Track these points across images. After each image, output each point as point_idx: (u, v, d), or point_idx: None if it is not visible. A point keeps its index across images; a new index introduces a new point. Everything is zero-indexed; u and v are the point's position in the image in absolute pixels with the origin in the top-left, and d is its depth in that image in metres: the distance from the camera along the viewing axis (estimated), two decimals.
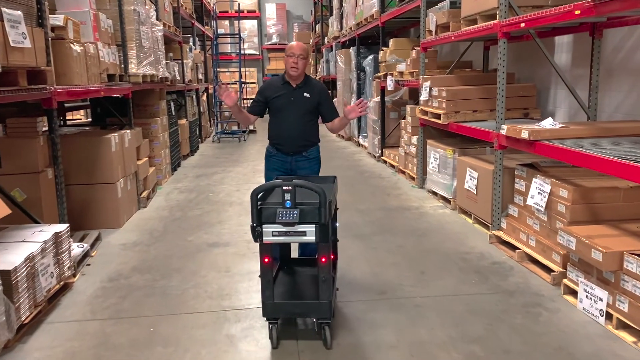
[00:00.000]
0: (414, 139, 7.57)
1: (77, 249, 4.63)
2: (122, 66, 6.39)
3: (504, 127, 4.68)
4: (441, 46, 8.96)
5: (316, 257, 3.92)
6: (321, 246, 3.08)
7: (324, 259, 3.09)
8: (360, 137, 11.58)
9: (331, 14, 15.37)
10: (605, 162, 3.42)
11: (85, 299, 4.01)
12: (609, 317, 3.39)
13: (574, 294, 3.76)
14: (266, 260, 3.13)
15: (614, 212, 3.98)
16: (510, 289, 3.99)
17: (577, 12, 3.60)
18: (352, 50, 11.82)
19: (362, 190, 7.40)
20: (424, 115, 6.82)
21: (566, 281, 3.83)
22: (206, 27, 15.31)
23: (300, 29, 20.43)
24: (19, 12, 3.75)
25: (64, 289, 4.11)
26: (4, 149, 4.62)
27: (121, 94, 6.46)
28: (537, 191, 4.37)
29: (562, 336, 3.29)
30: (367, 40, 12.11)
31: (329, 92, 4.38)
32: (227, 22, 20.42)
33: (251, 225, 3.08)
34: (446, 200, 6.43)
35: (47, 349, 3.29)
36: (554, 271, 4.07)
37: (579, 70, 5.76)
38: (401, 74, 8.11)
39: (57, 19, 4.63)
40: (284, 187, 3.00)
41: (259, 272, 3.21)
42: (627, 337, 3.23)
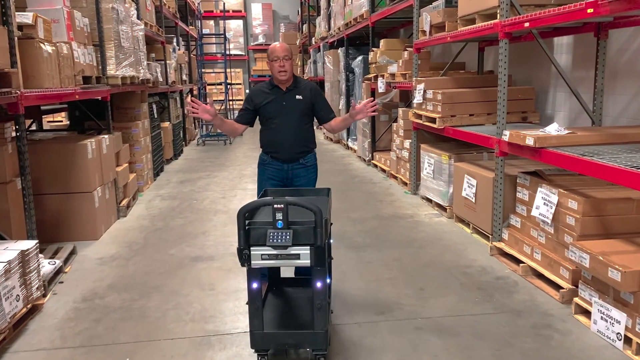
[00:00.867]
0: (407, 143, 7.30)
1: (48, 266, 4.27)
2: (100, 67, 6.03)
3: (506, 132, 4.41)
4: (433, 47, 8.70)
5: (310, 277, 3.63)
6: (316, 270, 2.77)
7: (319, 284, 2.78)
8: (349, 140, 11.29)
9: (318, 14, 15.07)
10: (620, 173, 3.15)
11: (55, 322, 3.66)
12: (627, 341, 3.12)
13: (586, 313, 3.49)
14: (254, 286, 2.80)
15: (626, 225, 3.73)
16: (516, 307, 3.72)
17: (590, 11, 3.34)
18: (340, 51, 11.52)
19: (353, 196, 7.11)
20: (417, 118, 6.55)
21: (577, 300, 3.56)
22: (190, 27, 14.93)
23: (286, 29, 20.10)
24: None
25: (32, 311, 3.75)
26: None
27: (99, 97, 6.09)
28: (542, 201, 4.11)
29: None
30: (356, 41, 11.84)
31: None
32: (212, 22, 20.04)
33: (238, 248, 2.74)
34: (441, 207, 6.15)
35: None
36: (562, 288, 3.81)
37: (580, 72, 5.52)
38: (393, 75, 7.83)
39: (25, 17, 4.27)
40: (275, 206, 2.67)
41: (247, 298, 2.88)
42: None
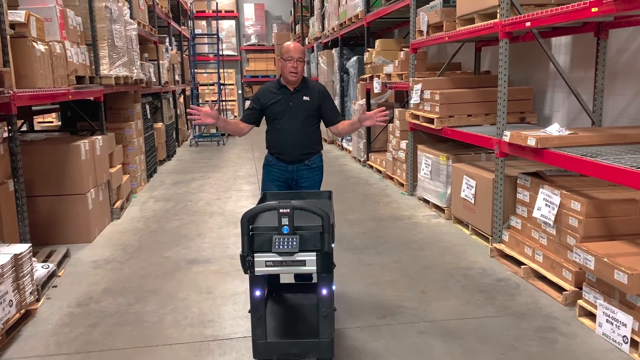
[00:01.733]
0: (403, 144, 7.25)
1: (41, 270, 4.17)
2: (93, 67, 5.93)
3: (507, 133, 4.37)
4: (428, 48, 8.66)
5: (310, 282, 3.55)
6: (322, 277, 2.66)
7: (325, 291, 2.67)
8: (344, 140, 11.24)
9: (312, 14, 15.01)
10: (627, 174, 3.11)
11: (49, 328, 3.57)
12: (633, 344, 3.08)
13: (590, 316, 3.45)
14: (257, 294, 2.69)
15: (630, 227, 3.69)
16: (519, 310, 3.67)
17: (594, 10, 3.30)
18: (334, 51, 11.47)
19: (350, 198, 7.05)
20: (414, 119, 6.50)
21: (581, 302, 3.52)
22: (183, 27, 14.81)
23: (279, 29, 20.02)
24: None
25: (26, 316, 3.66)
26: None
27: (92, 97, 5.99)
28: (544, 203, 4.07)
29: None
30: (350, 41, 11.79)
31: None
32: (204, 23, 19.91)
33: (241, 254, 2.62)
34: (439, 209, 6.11)
35: None
36: (565, 290, 3.76)
37: (579, 72, 5.50)
38: (388, 75, 7.78)
39: (17, 15, 4.17)
40: (281, 210, 2.57)
41: (249, 306, 2.75)
42: None
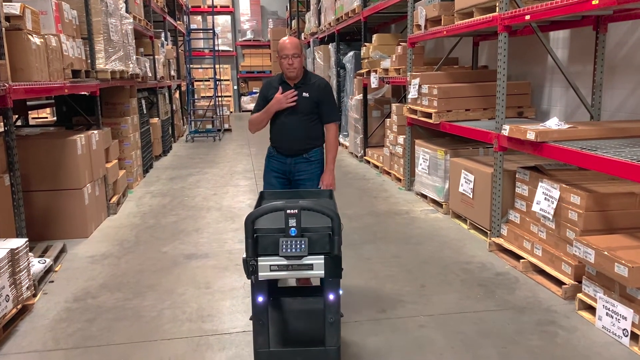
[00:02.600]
0: (401, 139, 7.24)
1: (38, 265, 4.14)
2: (89, 61, 5.88)
3: (506, 127, 4.35)
4: (425, 42, 8.63)
5: (312, 285, 3.40)
6: (329, 282, 2.49)
7: (332, 297, 2.50)
8: (340, 136, 11.21)
9: (308, 10, 14.95)
10: (628, 167, 3.10)
11: (47, 323, 3.54)
12: (634, 337, 3.08)
13: (590, 310, 3.45)
14: (260, 300, 2.52)
15: (629, 220, 3.69)
16: (519, 304, 3.67)
17: (595, 2, 3.28)
18: (331, 46, 11.42)
19: (347, 193, 7.03)
20: (412, 114, 6.48)
21: (581, 296, 3.51)
22: (178, 22, 14.74)
23: (275, 24, 19.96)
24: None
25: (23, 312, 3.63)
26: None
27: (88, 92, 5.94)
28: (543, 197, 4.06)
29: None
30: (346, 36, 11.74)
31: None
32: (199, 18, 19.82)
33: (244, 258, 2.46)
34: (437, 203, 6.10)
35: None
36: (564, 284, 3.76)
37: (576, 67, 5.49)
38: (386, 70, 7.76)
39: (12, 7, 4.12)
40: (289, 211, 2.41)
41: (251, 312, 2.62)
42: None
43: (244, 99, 20.53)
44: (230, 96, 19.73)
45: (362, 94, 9.06)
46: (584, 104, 4.81)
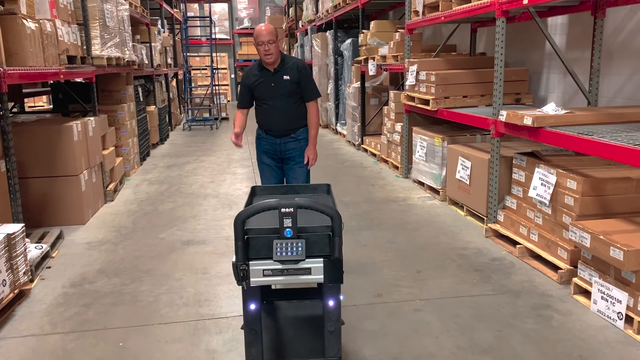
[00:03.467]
0: (398, 127, 7.23)
1: (34, 251, 4.14)
2: (85, 47, 5.85)
3: (504, 113, 4.34)
4: (423, 29, 8.60)
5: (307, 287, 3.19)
6: (329, 287, 2.26)
7: (332, 303, 2.27)
8: (338, 124, 11.19)
9: None
10: (624, 151, 3.10)
11: (44, 308, 3.54)
12: (628, 320, 3.10)
13: (585, 294, 3.47)
14: (252, 307, 2.28)
15: (625, 205, 3.70)
16: (515, 288, 3.68)
17: None
18: (329, 34, 11.38)
19: (344, 181, 7.03)
20: (409, 101, 6.47)
21: (577, 280, 3.53)
22: (175, 10, 14.64)
23: (272, 12, 19.82)
24: None
25: (20, 296, 3.63)
26: None
27: (84, 78, 5.92)
28: (540, 182, 4.06)
29: (580, 343, 2.98)
30: (344, 23, 11.68)
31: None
32: (196, 6, 19.72)
33: (233, 262, 2.22)
34: (434, 190, 6.11)
35: None
36: (560, 268, 3.78)
37: (574, 53, 5.48)
38: (384, 57, 7.74)
39: None
40: (283, 210, 2.16)
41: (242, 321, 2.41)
42: None
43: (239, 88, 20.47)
44: (227, 84, 19.69)
45: (359, 82, 9.03)
46: (582, 89, 4.81)
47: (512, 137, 4.70)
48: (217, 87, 14.29)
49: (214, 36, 14.98)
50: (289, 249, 2.18)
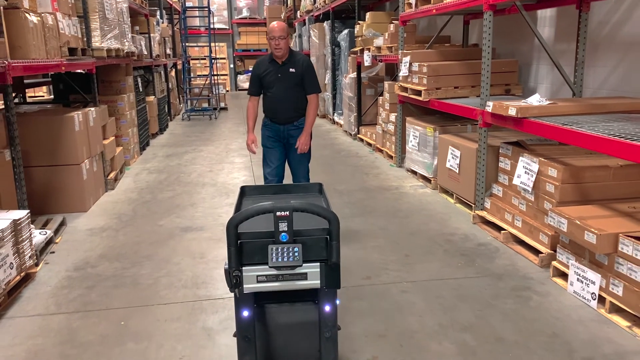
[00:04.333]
0: (392, 117, 7.38)
1: (39, 236, 4.32)
2: (85, 39, 5.99)
3: (490, 104, 4.50)
4: (418, 21, 8.73)
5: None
6: (325, 292, 2.20)
7: (328, 308, 2.22)
8: (335, 114, 11.34)
9: None
10: (599, 140, 3.27)
11: (49, 290, 3.73)
12: (601, 300, 3.28)
13: (563, 276, 3.65)
14: (245, 314, 2.20)
15: (604, 192, 3.87)
16: (497, 271, 3.86)
17: None
18: (326, 24, 11.49)
19: (339, 170, 7.20)
20: (403, 91, 6.62)
21: (555, 263, 3.71)
22: (173, 0, 14.73)
23: (271, 2, 19.91)
24: None
25: (26, 279, 3.81)
26: None
27: (84, 69, 6.06)
28: (524, 170, 4.23)
29: (555, 322, 3.17)
30: (342, 14, 11.79)
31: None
32: None
33: (225, 268, 2.14)
34: (426, 179, 6.28)
35: (7, 348, 3.02)
36: (541, 252, 3.96)
37: (562, 45, 5.62)
38: (379, 48, 7.87)
39: None
40: (278, 214, 2.07)
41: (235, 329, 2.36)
42: (621, 321, 3.13)
43: (240, 78, 20.56)
44: (226, 74, 19.79)
45: (356, 73, 9.17)
46: (567, 81, 4.96)
47: (502, 127, 4.86)
48: (216, 77, 14.41)
49: (212, 26, 15.09)
50: (285, 254, 2.10)
